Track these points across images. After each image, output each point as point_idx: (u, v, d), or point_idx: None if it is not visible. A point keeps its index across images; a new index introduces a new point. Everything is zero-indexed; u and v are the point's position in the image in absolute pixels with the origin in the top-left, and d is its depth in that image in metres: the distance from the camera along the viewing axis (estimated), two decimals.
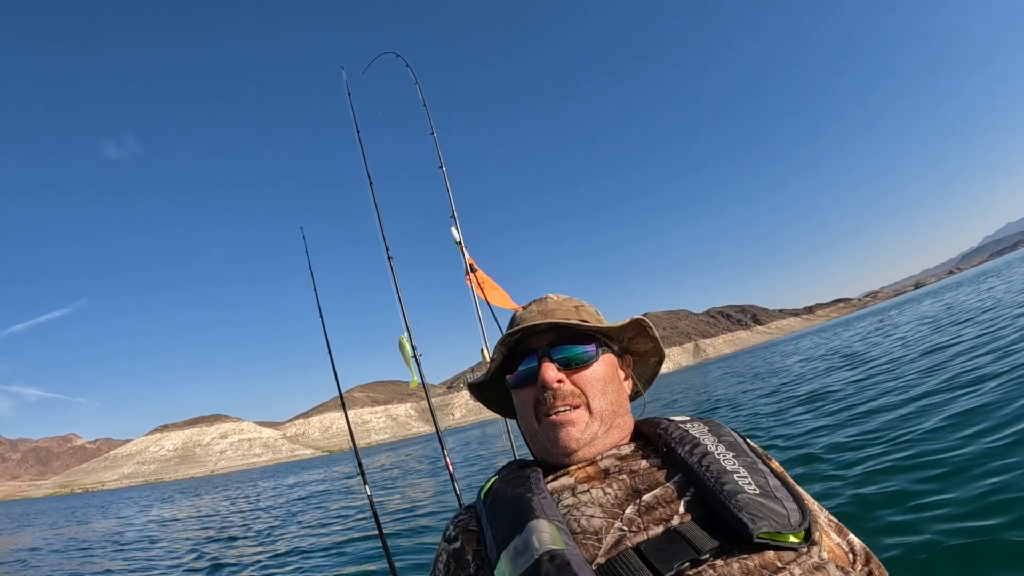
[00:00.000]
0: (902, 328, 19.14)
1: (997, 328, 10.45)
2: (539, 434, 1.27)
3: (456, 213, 4.10)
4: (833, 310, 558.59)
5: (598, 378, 1.27)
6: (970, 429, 4.99)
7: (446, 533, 1.27)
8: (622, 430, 1.29)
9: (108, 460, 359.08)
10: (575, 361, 1.27)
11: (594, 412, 1.24)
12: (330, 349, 4.70)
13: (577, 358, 1.27)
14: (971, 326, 12.27)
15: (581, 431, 1.21)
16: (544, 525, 1.01)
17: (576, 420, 1.22)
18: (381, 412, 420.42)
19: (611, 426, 1.26)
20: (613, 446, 1.26)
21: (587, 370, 1.27)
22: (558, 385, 1.24)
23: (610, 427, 1.25)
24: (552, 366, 1.25)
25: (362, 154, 4.36)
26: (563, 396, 1.24)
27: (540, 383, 1.25)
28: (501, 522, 1.09)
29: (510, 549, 1.01)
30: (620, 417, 1.29)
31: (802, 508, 1.01)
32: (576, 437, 1.21)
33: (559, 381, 1.24)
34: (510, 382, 1.36)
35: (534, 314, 1.38)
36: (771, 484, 1.06)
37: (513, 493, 1.15)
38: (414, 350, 3.79)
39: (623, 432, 1.29)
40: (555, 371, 1.25)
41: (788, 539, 0.97)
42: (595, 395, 1.25)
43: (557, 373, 1.25)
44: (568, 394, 1.24)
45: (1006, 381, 6.19)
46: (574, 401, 1.24)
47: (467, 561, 1.17)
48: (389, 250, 4.08)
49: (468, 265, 3.84)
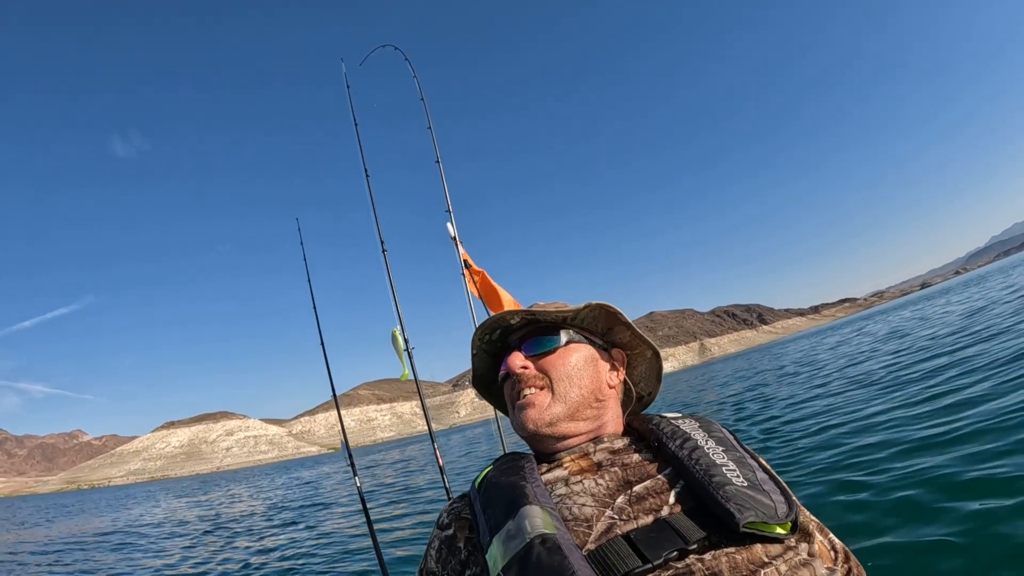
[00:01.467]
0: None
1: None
2: (513, 420, 1.33)
3: (452, 208, 4.10)
4: (839, 310, 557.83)
5: (563, 363, 1.31)
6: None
7: (439, 520, 1.29)
8: (600, 421, 1.31)
9: (114, 457, 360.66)
10: (542, 350, 1.33)
11: (556, 394, 1.28)
12: (322, 340, 4.71)
13: (543, 346, 1.33)
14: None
15: (540, 412, 1.26)
16: (536, 511, 1.04)
17: (536, 402, 1.27)
18: (387, 409, 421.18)
19: (578, 411, 1.28)
20: (588, 436, 1.29)
21: (552, 355, 1.32)
22: (522, 370, 1.30)
23: (577, 412, 1.28)
24: (519, 354, 1.32)
25: (359, 146, 4.37)
26: (527, 380, 1.29)
27: (507, 369, 1.32)
28: (494, 508, 1.12)
29: (502, 533, 1.03)
30: (595, 408, 1.31)
31: (789, 500, 1.05)
32: (533, 417, 1.25)
33: (523, 367, 1.30)
34: (499, 380, 1.43)
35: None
36: (759, 477, 1.09)
37: (507, 481, 1.17)
38: (406, 343, 3.80)
39: (601, 423, 1.31)
40: (520, 358, 1.31)
41: (775, 530, 0.99)
42: (559, 378, 1.29)
43: (523, 360, 1.31)
44: (532, 377, 1.30)
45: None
46: (538, 383, 1.29)
47: (458, 548, 1.20)
48: (384, 243, 4.09)
49: (463, 261, 3.85)
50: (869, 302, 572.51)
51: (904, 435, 5.44)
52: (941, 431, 5.18)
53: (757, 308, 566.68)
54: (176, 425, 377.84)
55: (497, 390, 1.54)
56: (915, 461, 4.60)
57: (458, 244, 3.94)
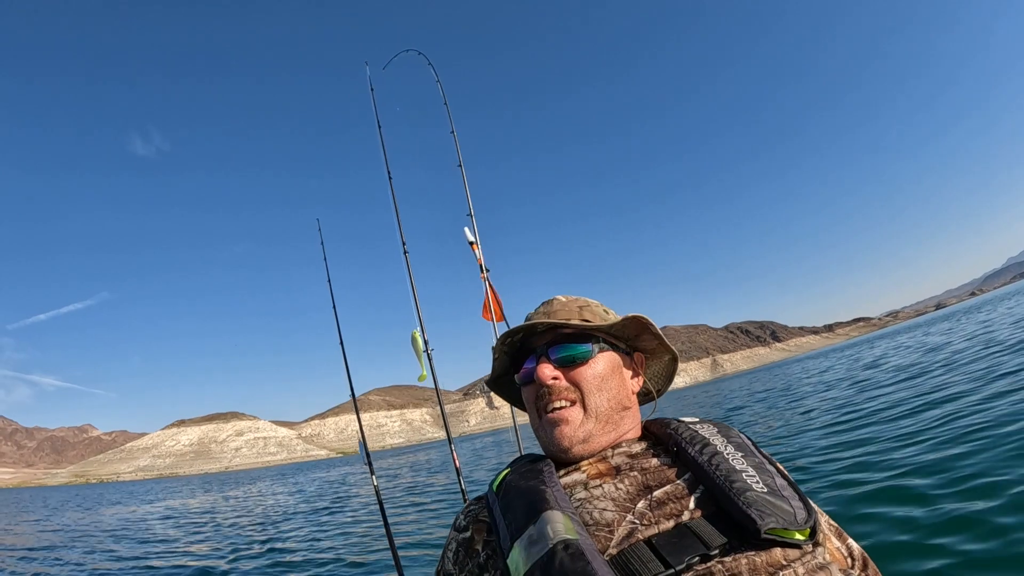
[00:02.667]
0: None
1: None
2: (540, 430, 1.31)
3: (473, 211, 4.13)
4: (853, 329, 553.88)
5: (594, 375, 1.29)
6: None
7: (456, 523, 1.29)
8: (623, 428, 1.31)
9: (124, 452, 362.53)
10: (572, 359, 1.30)
11: (589, 409, 1.26)
12: (341, 339, 4.74)
13: (573, 356, 1.30)
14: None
15: (575, 429, 1.24)
16: (558, 516, 1.03)
17: (570, 418, 1.25)
18: (396, 416, 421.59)
19: (608, 422, 1.28)
20: (612, 444, 1.28)
21: (583, 367, 1.29)
22: (553, 382, 1.27)
23: (607, 423, 1.27)
24: (548, 364, 1.29)
25: (383, 148, 4.40)
26: (558, 392, 1.27)
27: (536, 380, 1.29)
28: (514, 512, 1.11)
29: (524, 538, 1.03)
30: (620, 414, 1.30)
31: (807, 507, 1.05)
32: (569, 435, 1.24)
33: (554, 378, 1.28)
34: (517, 380, 1.40)
35: (539, 315, 1.41)
36: (778, 483, 1.09)
37: (526, 485, 1.16)
38: (426, 344, 3.83)
39: (624, 430, 1.31)
40: (551, 369, 1.28)
41: (794, 536, 1.00)
42: (590, 391, 1.27)
43: (553, 371, 1.28)
44: (563, 390, 1.27)
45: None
46: (569, 396, 1.27)
47: (476, 551, 1.19)
48: (405, 244, 4.12)
49: (480, 265, 3.88)
50: (884, 322, 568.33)
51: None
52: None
53: (771, 325, 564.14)
54: (186, 424, 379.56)
55: (513, 388, 1.53)
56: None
57: (476, 248, 3.96)
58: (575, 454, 1.25)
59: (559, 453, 1.26)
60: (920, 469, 4.90)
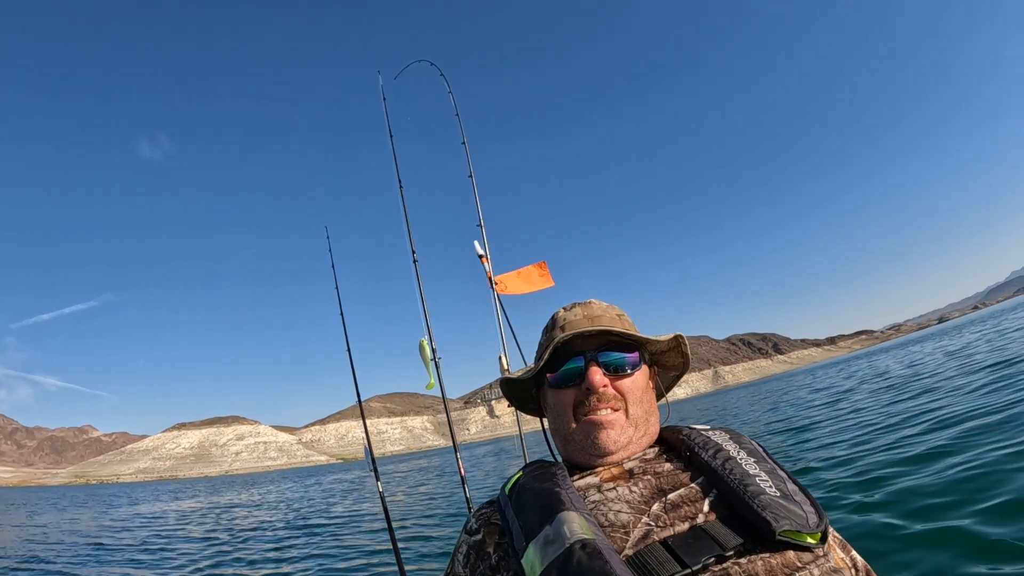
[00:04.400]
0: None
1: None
2: (576, 433, 1.31)
3: (483, 223, 4.17)
4: (855, 342, 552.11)
5: (638, 386, 1.34)
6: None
7: (467, 526, 1.31)
8: (651, 435, 1.35)
9: (124, 454, 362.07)
10: (619, 367, 1.34)
11: (631, 417, 1.31)
12: (349, 347, 4.78)
13: (621, 365, 1.34)
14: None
15: (619, 434, 1.28)
16: (574, 516, 1.05)
17: (615, 422, 1.28)
18: (397, 423, 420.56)
19: (644, 432, 1.32)
20: (642, 450, 1.32)
21: (629, 378, 1.34)
22: (603, 389, 1.30)
23: (643, 433, 1.32)
24: (599, 370, 1.31)
25: (394, 158, 4.45)
26: (607, 399, 1.29)
27: (586, 385, 1.30)
28: (529, 514, 1.12)
29: (540, 539, 1.04)
30: (651, 424, 1.36)
31: (819, 511, 1.08)
32: (615, 439, 1.27)
33: (605, 385, 1.30)
34: (551, 381, 1.39)
35: (579, 317, 1.41)
36: (790, 488, 1.12)
37: (540, 487, 1.18)
38: (434, 353, 3.87)
39: (651, 437, 1.35)
40: (601, 375, 1.30)
41: (806, 539, 1.02)
42: (634, 402, 1.32)
43: (603, 378, 1.30)
44: (611, 398, 1.30)
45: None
46: (615, 405, 1.30)
47: (488, 553, 1.20)
48: (415, 252, 4.16)
49: (489, 279, 3.92)
50: (886, 335, 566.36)
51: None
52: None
53: (773, 337, 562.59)
54: (187, 427, 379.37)
55: (522, 389, 1.54)
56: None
57: (485, 262, 4.00)
58: (613, 459, 1.27)
59: (595, 456, 1.28)
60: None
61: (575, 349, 1.36)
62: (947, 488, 4.56)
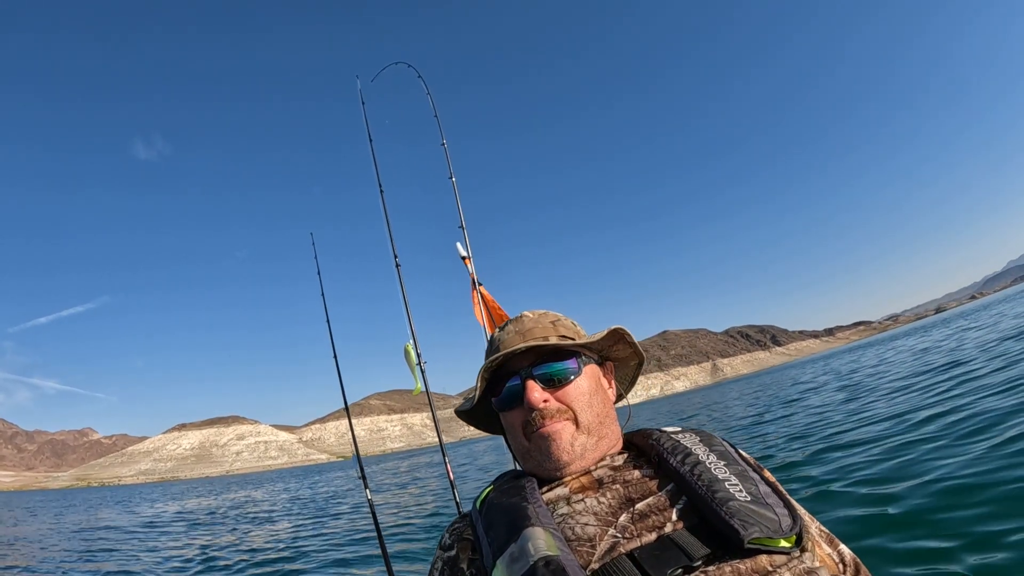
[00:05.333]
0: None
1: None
2: (531, 450, 1.29)
3: (465, 224, 4.13)
4: (853, 333, 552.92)
5: (582, 392, 1.30)
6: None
7: (442, 541, 1.29)
8: (610, 439, 1.32)
9: (125, 456, 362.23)
10: (558, 378, 1.30)
11: (581, 425, 1.27)
12: (335, 353, 4.75)
13: (559, 375, 1.30)
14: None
15: (570, 443, 1.24)
16: (539, 532, 1.03)
17: (563, 432, 1.25)
18: (397, 420, 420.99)
19: (600, 436, 1.29)
20: (603, 455, 1.29)
21: (570, 385, 1.30)
22: (544, 405, 1.27)
23: (599, 438, 1.28)
24: (536, 386, 1.28)
25: (374, 161, 4.41)
26: (550, 415, 1.26)
27: (527, 404, 1.27)
28: (497, 530, 1.11)
29: (506, 556, 1.03)
30: (607, 426, 1.32)
31: (793, 514, 1.05)
32: (566, 450, 1.24)
33: (545, 401, 1.27)
34: (495, 405, 1.37)
35: (512, 335, 1.39)
36: (762, 491, 1.09)
37: (508, 502, 1.16)
38: (419, 357, 3.83)
39: (612, 440, 1.32)
40: (540, 391, 1.27)
41: (779, 544, 0.99)
42: (581, 409, 1.28)
43: (542, 393, 1.27)
44: (555, 412, 1.26)
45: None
46: (561, 416, 1.26)
47: (461, 569, 1.19)
48: (397, 257, 4.13)
49: (472, 280, 3.89)
50: (884, 325, 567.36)
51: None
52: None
53: (771, 329, 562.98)
54: (187, 427, 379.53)
55: (483, 412, 1.51)
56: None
57: (468, 263, 3.97)
58: (571, 470, 1.24)
59: (554, 471, 1.25)
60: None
61: (511, 369, 1.33)
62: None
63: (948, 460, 4.93)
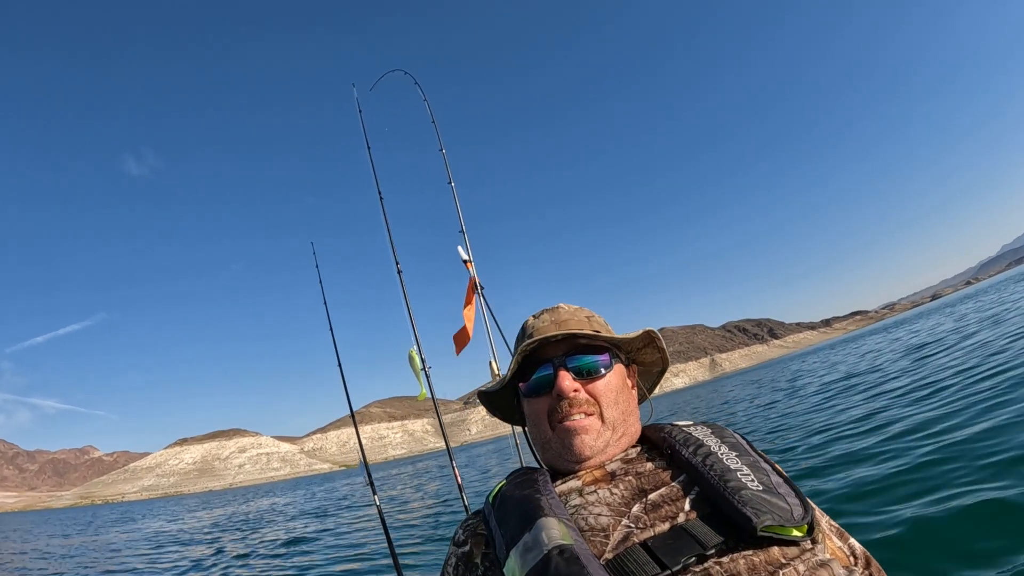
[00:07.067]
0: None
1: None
2: (553, 441, 1.29)
3: (465, 229, 4.15)
4: (850, 323, 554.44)
5: (611, 388, 1.31)
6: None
7: (455, 537, 1.29)
8: (631, 436, 1.33)
9: (128, 472, 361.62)
10: (589, 371, 1.31)
11: (607, 421, 1.28)
12: (339, 361, 4.77)
13: (591, 368, 1.31)
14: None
15: (594, 438, 1.25)
16: (553, 522, 1.04)
17: (590, 427, 1.25)
18: (398, 427, 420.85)
19: (622, 433, 1.30)
20: (622, 451, 1.30)
21: (601, 380, 1.31)
22: (574, 394, 1.27)
23: (621, 435, 1.30)
24: (568, 375, 1.29)
25: (372, 169, 4.43)
26: (579, 404, 1.27)
27: (556, 392, 1.28)
28: (510, 522, 1.11)
29: (519, 546, 1.03)
30: (630, 424, 1.33)
31: (804, 503, 1.05)
32: (590, 444, 1.24)
33: (575, 390, 1.28)
34: (523, 390, 1.38)
35: (547, 323, 1.40)
36: (773, 481, 1.10)
37: (521, 495, 1.17)
38: (423, 363, 3.84)
39: (631, 438, 1.33)
40: (571, 380, 1.28)
41: (791, 532, 1.00)
42: (608, 404, 1.29)
43: (573, 383, 1.28)
44: (583, 402, 1.27)
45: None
46: (588, 409, 1.27)
47: (476, 564, 1.19)
48: (399, 263, 4.15)
49: (473, 283, 3.90)
50: (880, 314, 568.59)
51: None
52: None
53: (768, 322, 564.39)
54: (189, 442, 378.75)
55: (502, 400, 1.53)
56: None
57: (470, 267, 3.99)
58: (591, 464, 1.25)
59: (573, 463, 1.26)
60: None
61: (544, 357, 1.34)
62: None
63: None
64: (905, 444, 5.48)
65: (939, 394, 7.43)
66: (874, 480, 4.66)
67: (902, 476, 4.56)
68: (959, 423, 5.57)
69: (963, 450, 4.69)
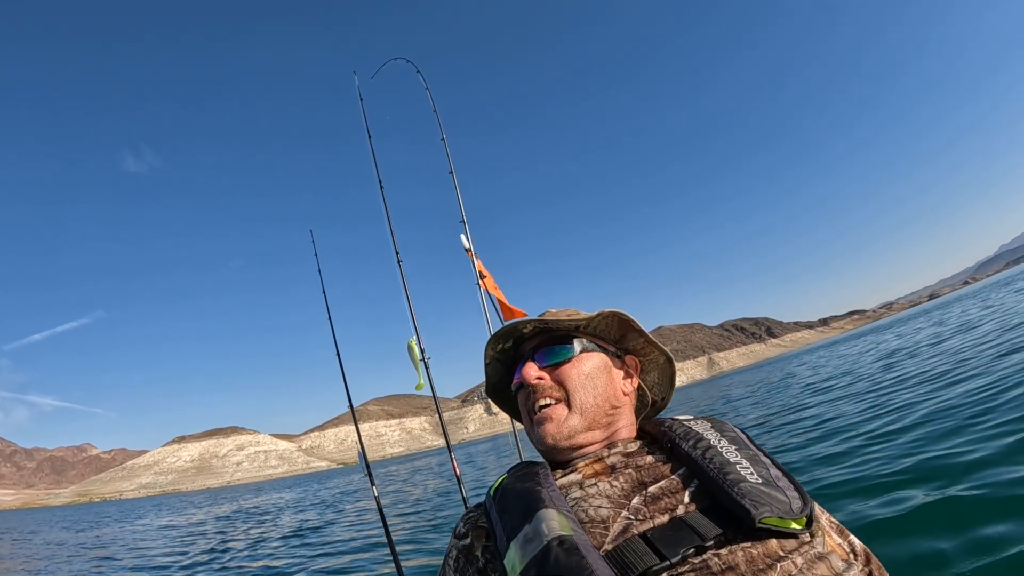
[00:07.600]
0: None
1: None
2: (531, 431, 1.33)
3: (466, 218, 4.12)
4: (848, 322, 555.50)
5: (579, 373, 1.32)
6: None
7: (456, 530, 1.30)
8: (612, 428, 1.32)
9: (126, 470, 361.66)
10: (557, 359, 1.34)
11: (574, 406, 1.28)
12: (339, 352, 4.73)
13: (557, 356, 1.34)
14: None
15: (558, 425, 1.27)
16: (553, 514, 1.05)
17: (553, 414, 1.28)
18: (395, 425, 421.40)
19: (593, 421, 1.29)
20: (604, 442, 1.30)
21: (566, 365, 1.32)
22: (537, 381, 1.31)
23: (594, 421, 1.29)
24: (533, 365, 1.33)
25: (373, 158, 4.40)
26: (543, 390, 1.30)
27: (523, 381, 1.33)
28: (511, 514, 1.12)
29: (520, 537, 1.04)
30: (610, 415, 1.32)
31: (803, 496, 1.06)
32: (552, 432, 1.27)
33: (539, 378, 1.32)
34: (513, 389, 1.44)
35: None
36: (772, 474, 1.10)
37: (522, 487, 1.18)
38: (422, 353, 3.82)
39: (614, 429, 1.33)
40: (535, 369, 1.32)
41: (790, 525, 1.00)
42: (575, 389, 1.30)
43: (537, 371, 1.32)
44: (547, 388, 1.31)
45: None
46: (554, 394, 1.30)
47: (476, 556, 1.20)
48: (399, 253, 4.12)
49: (478, 272, 3.87)
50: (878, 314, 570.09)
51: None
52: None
53: (766, 321, 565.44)
54: (187, 440, 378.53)
55: (511, 399, 1.55)
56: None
57: (473, 255, 3.96)
58: (560, 449, 1.28)
59: (546, 452, 1.31)
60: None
61: (522, 354, 1.41)
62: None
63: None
64: (905, 443, 5.43)
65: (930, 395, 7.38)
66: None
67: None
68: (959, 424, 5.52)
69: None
